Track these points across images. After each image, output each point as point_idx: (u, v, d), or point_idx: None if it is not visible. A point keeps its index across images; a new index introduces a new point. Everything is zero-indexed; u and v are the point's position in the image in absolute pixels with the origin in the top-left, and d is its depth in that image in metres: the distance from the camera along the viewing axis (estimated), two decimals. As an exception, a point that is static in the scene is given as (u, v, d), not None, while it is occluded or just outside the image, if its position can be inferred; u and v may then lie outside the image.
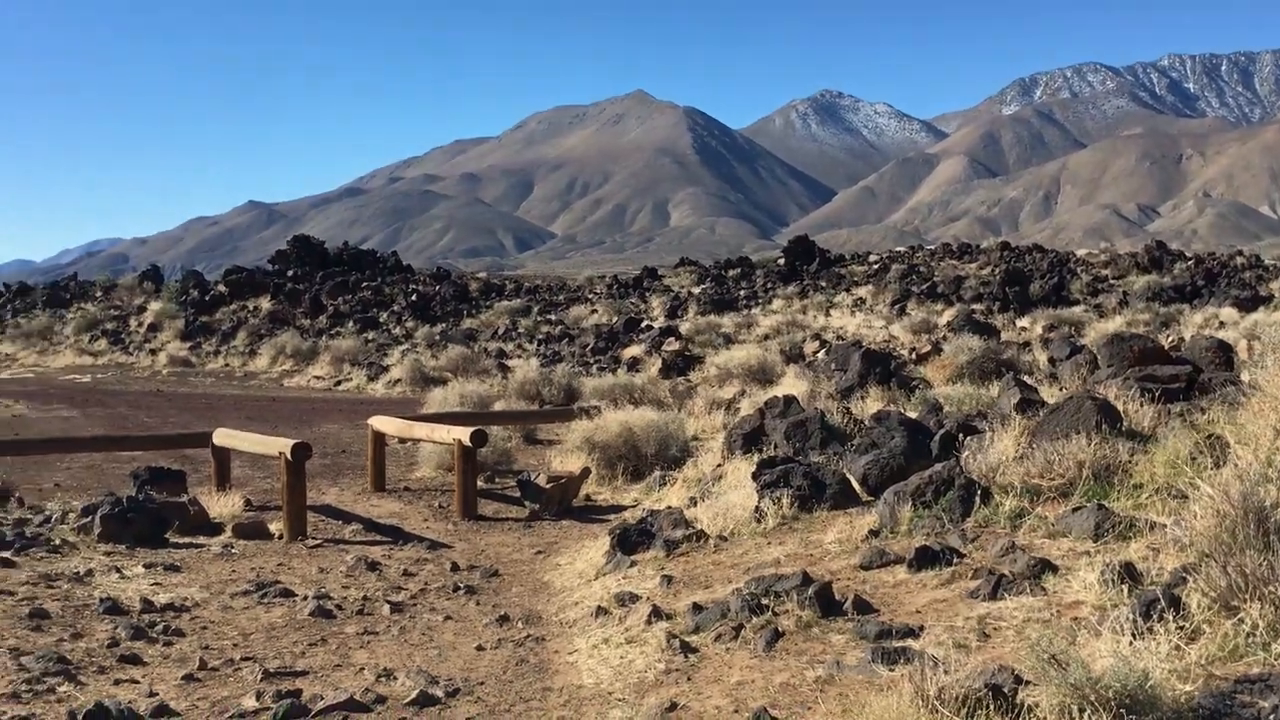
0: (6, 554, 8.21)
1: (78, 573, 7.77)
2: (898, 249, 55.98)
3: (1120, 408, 7.67)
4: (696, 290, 39.47)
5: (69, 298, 49.10)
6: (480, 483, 11.27)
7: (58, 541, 8.76)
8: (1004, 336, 22.59)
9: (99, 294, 49.01)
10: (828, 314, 33.65)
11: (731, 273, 44.55)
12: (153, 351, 36.73)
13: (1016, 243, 53.12)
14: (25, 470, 12.64)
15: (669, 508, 8.81)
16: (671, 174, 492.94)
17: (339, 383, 28.30)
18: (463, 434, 10.58)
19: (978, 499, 6.75)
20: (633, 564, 7.50)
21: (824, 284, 39.33)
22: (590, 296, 40.26)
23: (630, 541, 7.83)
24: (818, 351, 21.15)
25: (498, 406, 17.93)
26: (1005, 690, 4.01)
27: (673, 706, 4.83)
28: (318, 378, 29.46)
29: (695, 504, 8.69)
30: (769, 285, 40.41)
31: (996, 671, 4.11)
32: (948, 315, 28.73)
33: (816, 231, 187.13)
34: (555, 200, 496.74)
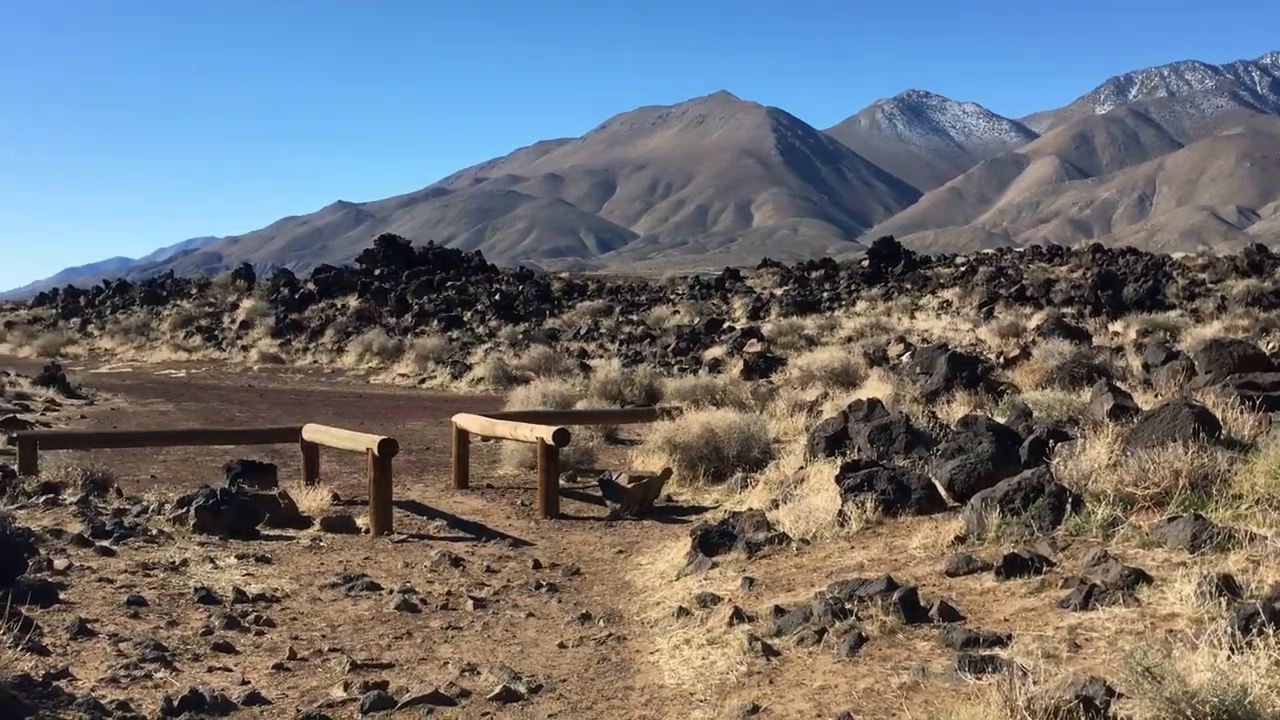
0: (105, 543, 8.47)
1: (173, 562, 7.99)
2: (985, 251, 54.93)
3: (1219, 415, 7.46)
4: (779, 291, 39.22)
5: (165, 295, 50.59)
6: (562, 481, 11.34)
7: (154, 531, 9.01)
8: (1095, 341, 22.04)
9: (194, 291, 50.43)
10: (912, 316, 33.18)
11: (814, 274, 44.19)
12: (244, 348, 37.69)
13: (1109, 245, 51.85)
14: (123, 462, 13.04)
15: (750, 510, 8.78)
16: (754, 174, 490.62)
17: (423, 380, 28.73)
18: (545, 433, 10.66)
19: (1068, 507, 6.60)
20: (714, 565, 7.48)
21: (909, 286, 38.80)
22: (672, 297, 40.28)
23: (711, 543, 7.82)
24: (902, 354, 20.86)
25: (579, 406, 18.02)
26: (1097, 702, 3.92)
27: (755, 709, 4.80)
28: (402, 375, 29.94)
29: (777, 506, 8.64)
30: (853, 287, 40.00)
31: (1088, 683, 4.03)
32: (1037, 319, 28.13)
33: (902, 233, 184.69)
34: (638, 201, 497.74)
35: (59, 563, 7.62)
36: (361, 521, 9.84)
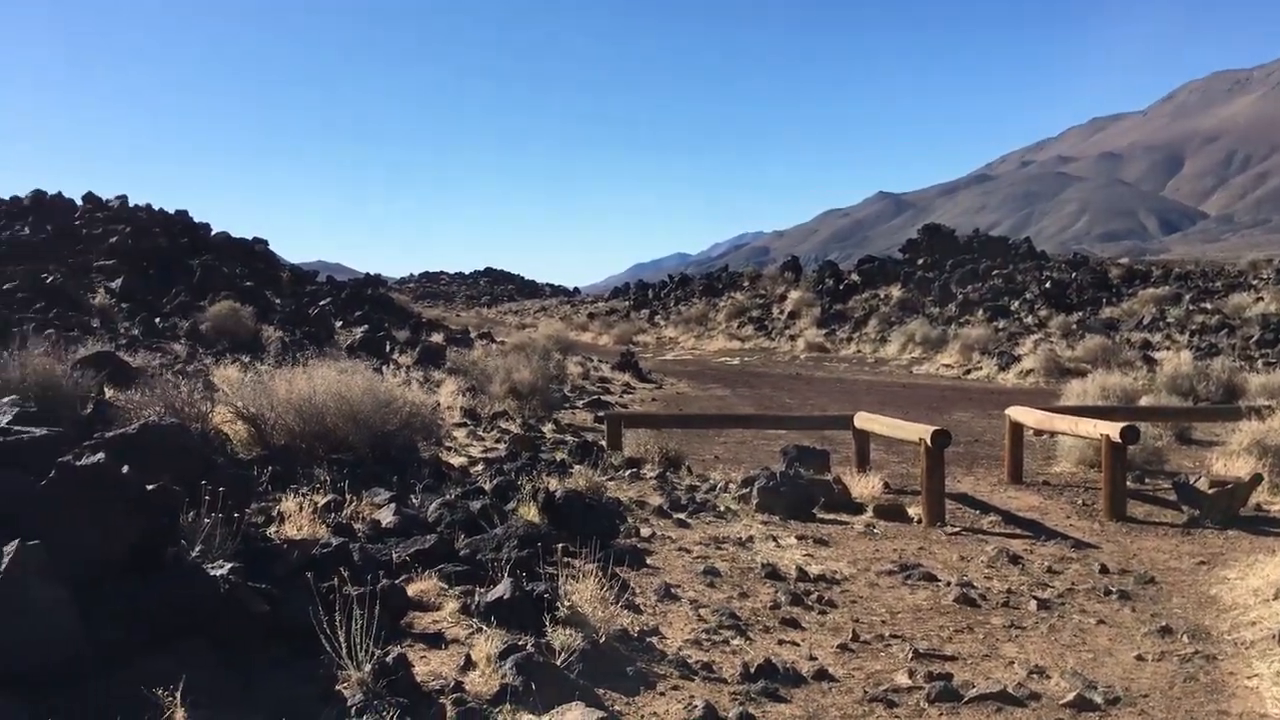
0: (681, 515, 9.25)
1: (740, 538, 8.51)
2: None
3: None
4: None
5: (720, 287, 54.21)
6: (1128, 482, 10.52)
7: (722, 508, 9.68)
8: None
9: (745, 284, 53.53)
10: None
11: None
12: (791, 337, 39.31)
13: None
14: (690, 442, 14.13)
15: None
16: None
17: (968, 371, 28.14)
18: (1111, 429, 9.95)
19: None
20: (1324, 588, 6.52)
21: None
22: (1254, 283, 35.78)
23: (1319, 562, 6.83)
24: None
25: (1143, 401, 16.66)
26: None
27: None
28: (946, 366, 29.54)
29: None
30: None
31: None
32: None
33: None
34: (1209, 177, 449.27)
35: (645, 531, 8.43)
36: (913, 511, 9.83)
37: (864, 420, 12.06)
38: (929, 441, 9.65)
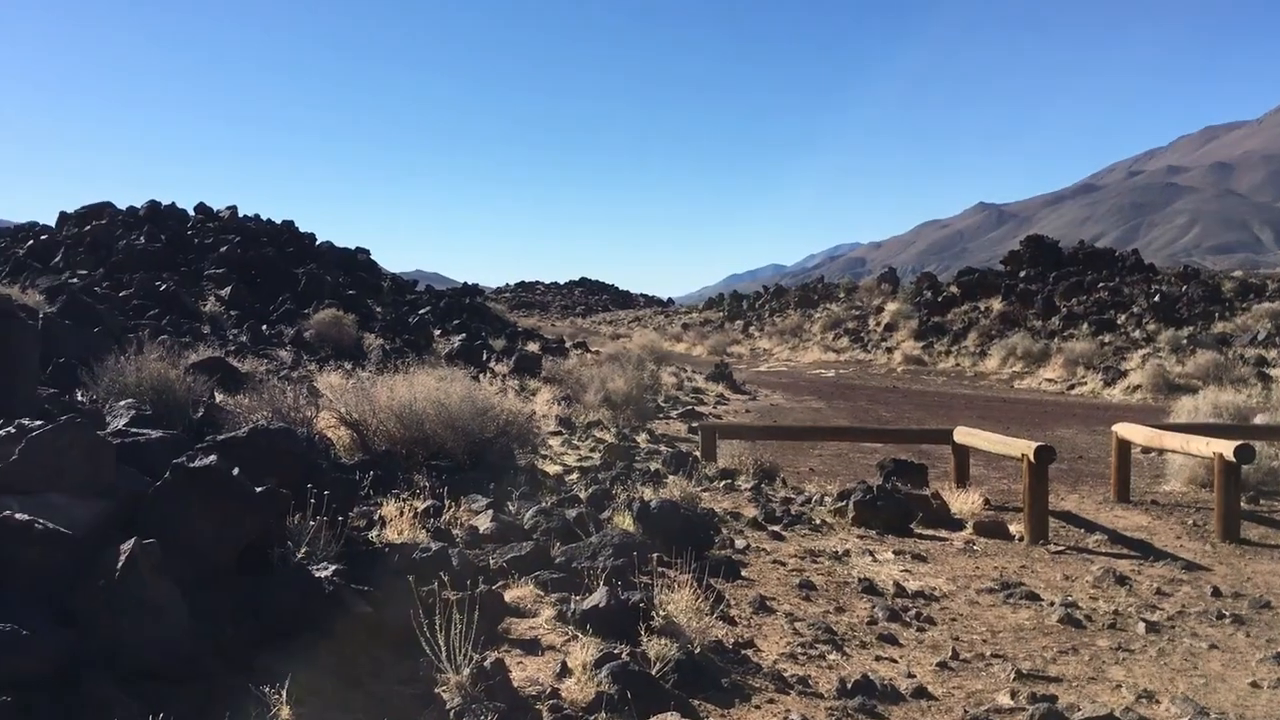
0: (776, 528, 9.19)
1: (836, 551, 8.42)
2: None
3: None
4: None
5: (816, 298, 53.82)
6: (1242, 503, 10.14)
7: (817, 521, 9.59)
8: None
9: (841, 295, 53.04)
10: None
11: None
12: (888, 350, 38.83)
13: None
14: (784, 454, 14.04)
15: None
16: None
17: (1071, 386, 27.47)
18: (1224, 448, 9.60)
19: None
20: None
21: None
22: (1379, 298, 34.22)
23: None
24: None
25: (1258, 419, 16.03)
26: None
27: None
28: (1049, 380, 28.87)
29: None
30: None
31: None
32: None
33: None
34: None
35: (739, 542, 8.39)
36: (1014, 528, 9.61)
37: (964, 435, 11.84)
38: (1032, 457, 9.44)
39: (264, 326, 23.15)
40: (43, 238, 31.46)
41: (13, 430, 4.95)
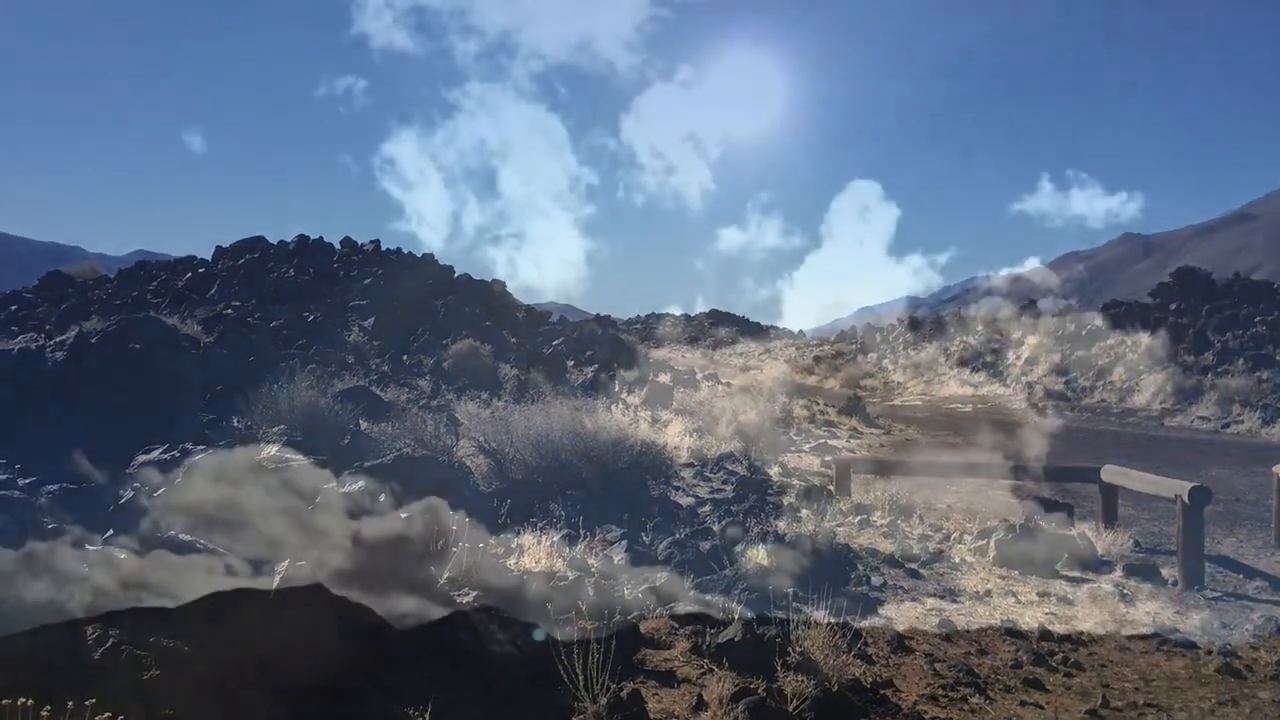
0: (914, 565, 9.00)
1: (976, 591, 8.20)
2: None
3: None
4: None
5: (952, 331, 52.65)
6: None
7: (956, 559, 9.35)
8: None
9: (979, 328, 51.76)
10: None
11: None
12: (1029, 384, 37.70)
13: None
14: (920, 490, 13.74)
15: None
16: None
17: (1226, 424, 26.23)
18: (1399, 491, 9.04)
19: None
20: None
21: None
22: None
23: None
24: None
25: None
26: None
27: None
28: (1201, 418, 27.62)
29: None
30: None
31: None
32: None
33: None
34: None
35: (875, 579, 8.25)
36: (1167, 572, 9.20)
37: (1112, 473, 11.40)
38: (1186, 498, 9.03)
39: (404, 357, 23.83)
40: (200, 270, 33.11)
41: (176, 453, 5.21)
